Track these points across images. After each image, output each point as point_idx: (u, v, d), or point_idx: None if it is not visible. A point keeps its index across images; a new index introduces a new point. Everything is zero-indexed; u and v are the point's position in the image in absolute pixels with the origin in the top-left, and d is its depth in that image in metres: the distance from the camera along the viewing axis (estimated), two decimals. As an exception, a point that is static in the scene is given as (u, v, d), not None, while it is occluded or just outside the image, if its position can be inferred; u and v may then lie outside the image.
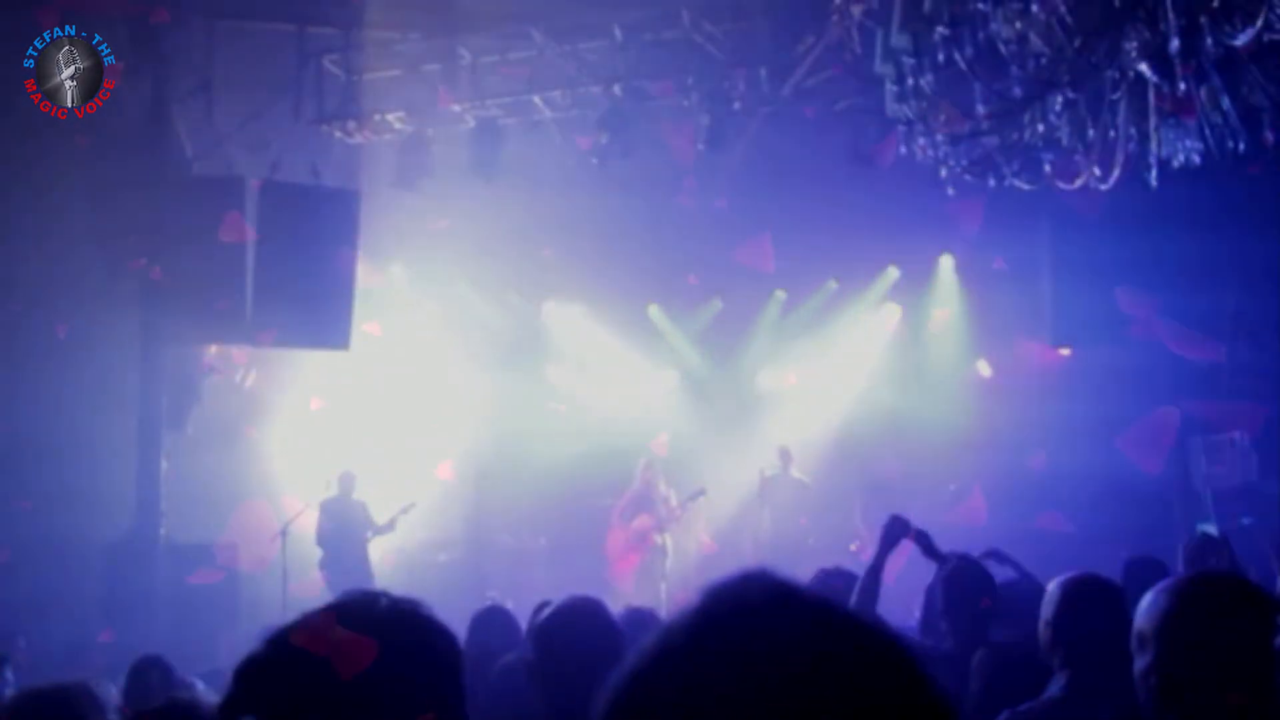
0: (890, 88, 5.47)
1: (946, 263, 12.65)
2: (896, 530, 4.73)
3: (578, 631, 3.08)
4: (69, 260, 8.84)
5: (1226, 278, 10.50)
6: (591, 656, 2.94)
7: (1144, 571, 4.47)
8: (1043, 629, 3.08)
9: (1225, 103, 5.75)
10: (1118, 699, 2.88)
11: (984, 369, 12.42)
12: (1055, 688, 2.99)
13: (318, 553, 10.29)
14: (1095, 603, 3.06)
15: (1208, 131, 5.83)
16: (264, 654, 1.59)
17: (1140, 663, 2.25)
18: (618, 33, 9.12)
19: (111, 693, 4.02)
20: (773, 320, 13.28)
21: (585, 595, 3.33)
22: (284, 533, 9.74)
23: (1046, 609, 3.08)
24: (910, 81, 5.28)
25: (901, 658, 0.88)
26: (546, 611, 3.29)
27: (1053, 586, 3.16)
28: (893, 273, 12.92)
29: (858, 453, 12.11)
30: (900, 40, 5.12)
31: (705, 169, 10.34)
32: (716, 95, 9.06)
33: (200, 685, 4.64)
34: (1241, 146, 5.96)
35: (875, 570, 4.54)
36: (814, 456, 12.32)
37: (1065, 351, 11.24)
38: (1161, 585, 2.29)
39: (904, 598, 5.56)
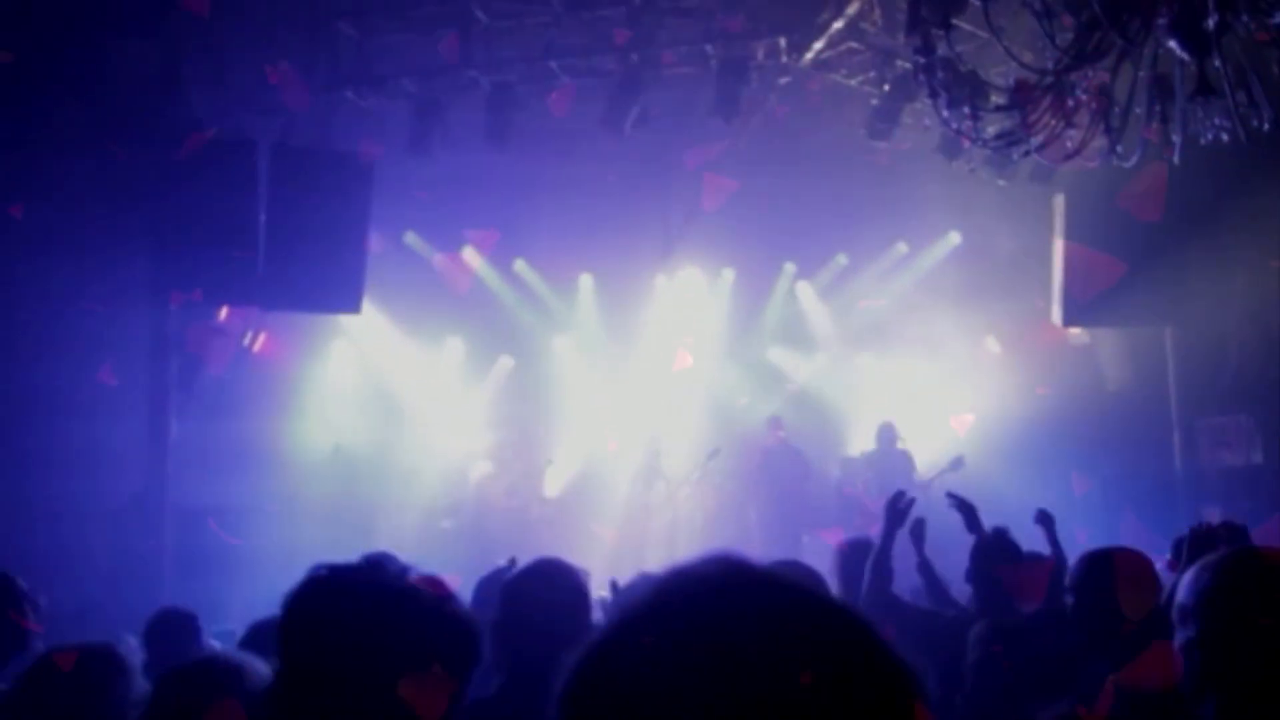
0: (916, 59, 5.42)
1: (953, 239, 12.64)
2: (901, 508, 4.75)
3: (545, 593, 3.05)
4: (79, 221, 8.79)
5: (1232, 259, 10.48)
6: (557, 619, 2.95)
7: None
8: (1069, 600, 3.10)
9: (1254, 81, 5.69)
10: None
11: (992, 345, 12.43)
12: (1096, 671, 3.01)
13: (322, 515, 10.29)
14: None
15: (1233, 110, 5.77)
16: (308, 589, 1.76)
17: (1182, 637, 2.25)
18: (636, -1, 9.03)
19: (133, 647, 4.03)
20: (782, 292, 13.30)
21: (555, 558, 3.32)
22: (294, 496, 9.79)
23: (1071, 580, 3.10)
24: (938, 53, 5.23)
25: (858, 629, 0.89)
26: (514, 572, 3.29)
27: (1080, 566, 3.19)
28: (901, 248, 12.92)
29: (864, 424, 12.13)
30: (930, 10, 5.07)
31: (718, 139, 10.28)
32: (734, 66, 8.98)
33: (217, 645, 4.65)
34: (1266, 126, 5.91)
35: (885, 550, 4.56)
36: (817, 427, 12.38)
37: (1075, 331, 11.24)
38: (1205, 561, 2.29)
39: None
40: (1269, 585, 2.18)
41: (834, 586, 4.79)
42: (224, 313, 10.38)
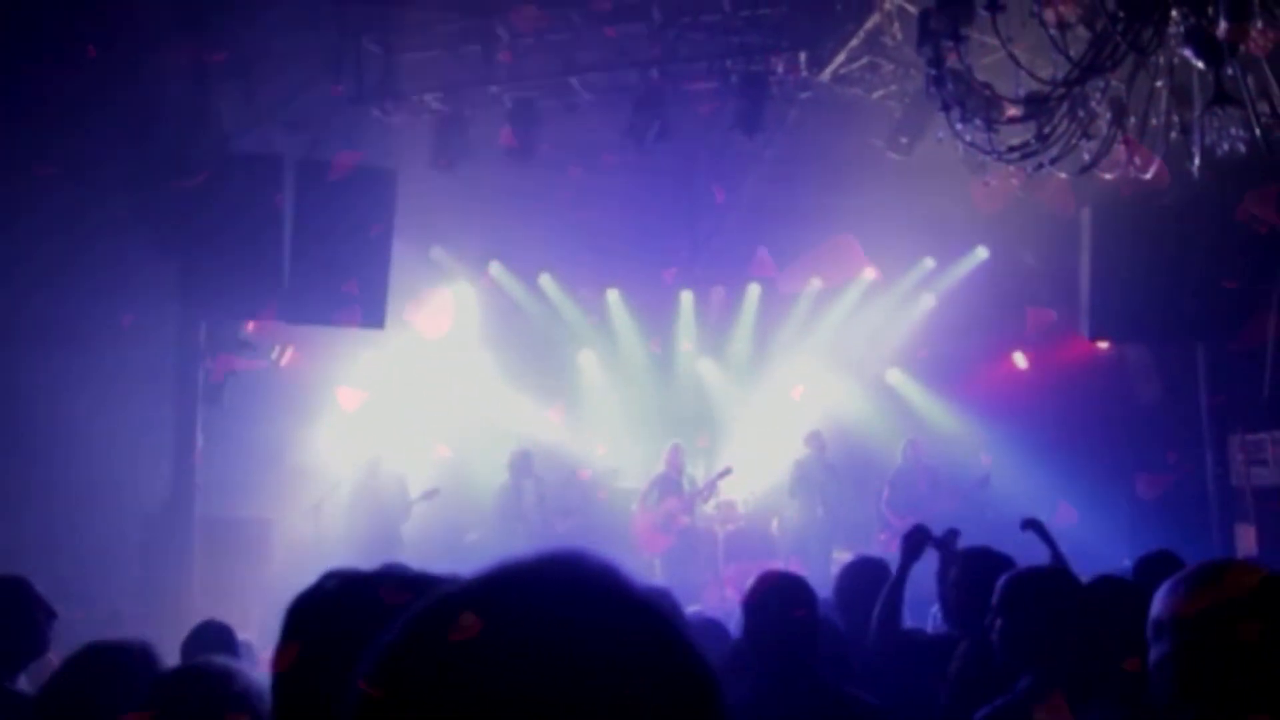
0: (929, 71, 5.40)
1: (981, 253, 12.56)
2: (917, 540, 4.66)
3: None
4: (108, 235, 8.94)
5: (1272, 271, 10.30)
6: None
7: (1158, 567, 4.39)
8: (995, 623, 3.06)
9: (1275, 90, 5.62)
10: (1075, 686, 2.87)
11: (1020, 361, 12.31)
12: (1023, 682, 2.97)
13: (348, 531, 10.34)
14: (1043, 593, 3.04)
15: (1255, 121, 5.70)
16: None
17: (1156, 652, 2.21)
18: (656, 15, 9.08)
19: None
20: (808, 306, 13.27)
21: (655, 584, 3.35)
22: (318, 509, 9.85)
23: (998, 609, 3.07)
24: (948, 65, 5.21)
25: (661, 630, 0.89)
26: None
27: (1000, 582, 3.15)
28: (928, 263, 12.85)
29: (888, 441, 12.04)
30: (939, 22, 5.05)
31: (742, 154, 10.29)
32: (754, 80, 8.99)
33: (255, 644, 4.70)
34: (1288, 137, 5.82)
35: (898, 583, 4.48)
36: (844, 444, 12.29)
37: (1103, 345, 11.10)
38: (1178, 574, 2.25)
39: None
40: (1242, 597, 2.15)
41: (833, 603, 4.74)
42: (251, 327, 10.50)
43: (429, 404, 12.24)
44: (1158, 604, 2.23)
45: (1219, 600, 2.14)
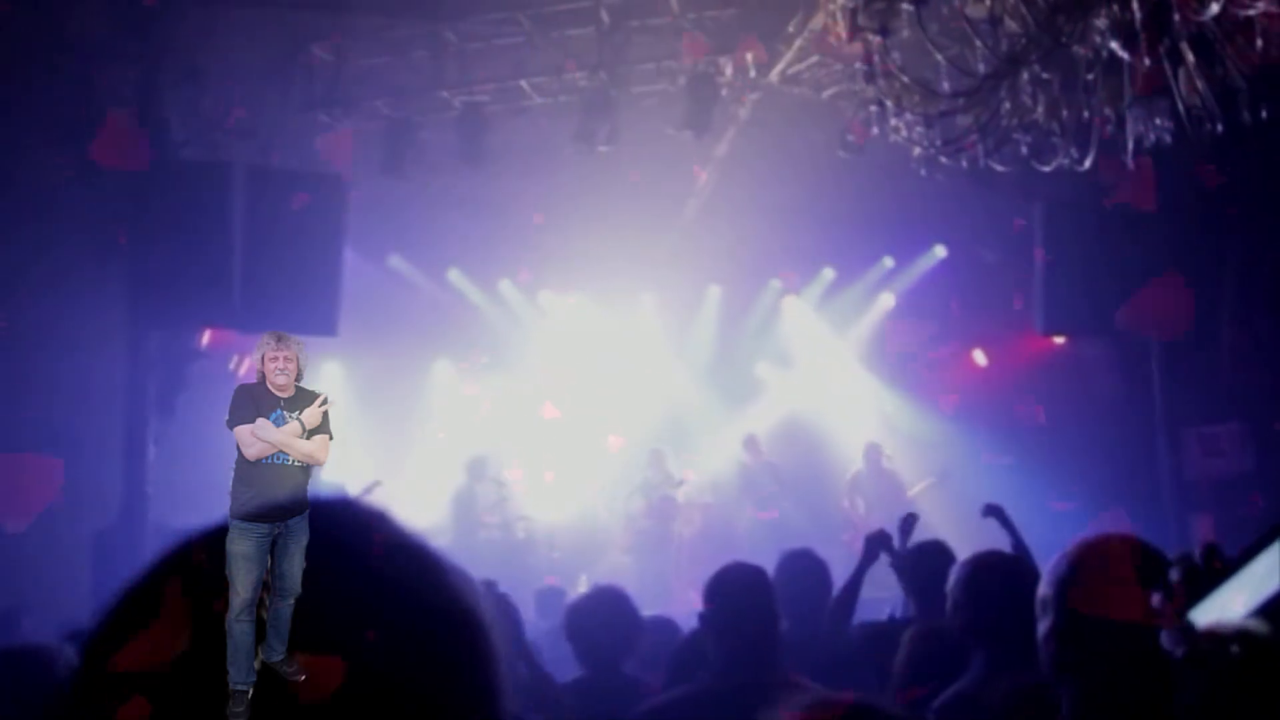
0: (860, 66, 5.43)
1: (939, 252, 12.62)
2: (877, 547, 4.71)
3: (603, 619, 3.30)
4: (55, 244, 8.86)
5: (1224, 264, 10.41)
6: (612, 644, 3.20)
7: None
8: (952, 609, 3.06)
9: (1200, 83, 5.68)
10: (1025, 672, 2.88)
11: (979, 358, 12.38)
12: (975, 666, 2.97)
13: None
14: (999, 579, 3.05)
15: (1183, 113, 5.77)
16: None
17: (1042, 627, 2.23)
18: (605, 18, 9.09)
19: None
20: (768, 307, 13.30)
21: (611, 585, 3.40)
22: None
23: (955, 591, 3.07)
24: (878, 60, 5.24)
25: (425, 566, 1.02)
26: (575, 598, 3.48)
27: (956, 567, 3.16)
28: (887, 262, 12.91)
29: (850, 440, 12.08)
30: (867, 18, 5.09)
31: (694, 156, 10.32)
32: (702, 82, 9.02)
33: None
34: (1219, 128, 5.89)
35: (854, 585, 4.52)
36: (805, 443, 12.34)
37: (1059, 340, 11.18)
38: (1063, 552, 2.27)
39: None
40: (1119, 571, 2.17)
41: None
42: (206, 337, 10.42)
43: (399, 411, 12.21)
44: (1043, 581, 2.25)
45: (1095, 576, 2.16)
